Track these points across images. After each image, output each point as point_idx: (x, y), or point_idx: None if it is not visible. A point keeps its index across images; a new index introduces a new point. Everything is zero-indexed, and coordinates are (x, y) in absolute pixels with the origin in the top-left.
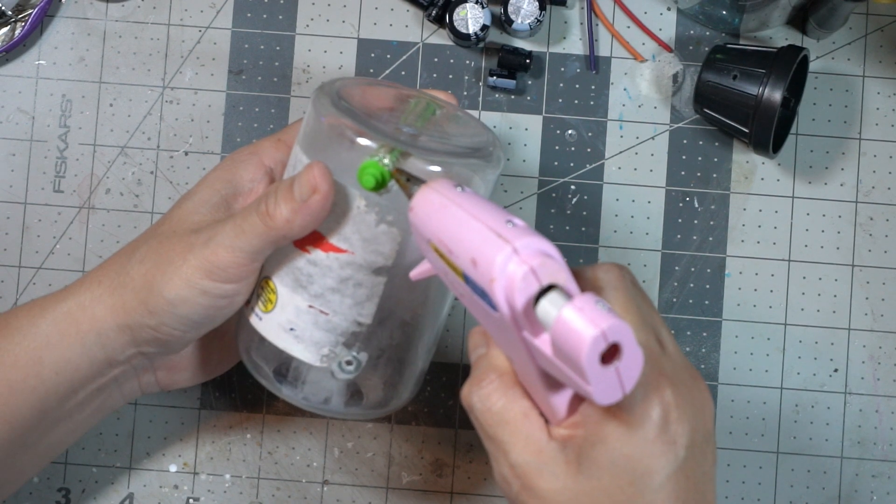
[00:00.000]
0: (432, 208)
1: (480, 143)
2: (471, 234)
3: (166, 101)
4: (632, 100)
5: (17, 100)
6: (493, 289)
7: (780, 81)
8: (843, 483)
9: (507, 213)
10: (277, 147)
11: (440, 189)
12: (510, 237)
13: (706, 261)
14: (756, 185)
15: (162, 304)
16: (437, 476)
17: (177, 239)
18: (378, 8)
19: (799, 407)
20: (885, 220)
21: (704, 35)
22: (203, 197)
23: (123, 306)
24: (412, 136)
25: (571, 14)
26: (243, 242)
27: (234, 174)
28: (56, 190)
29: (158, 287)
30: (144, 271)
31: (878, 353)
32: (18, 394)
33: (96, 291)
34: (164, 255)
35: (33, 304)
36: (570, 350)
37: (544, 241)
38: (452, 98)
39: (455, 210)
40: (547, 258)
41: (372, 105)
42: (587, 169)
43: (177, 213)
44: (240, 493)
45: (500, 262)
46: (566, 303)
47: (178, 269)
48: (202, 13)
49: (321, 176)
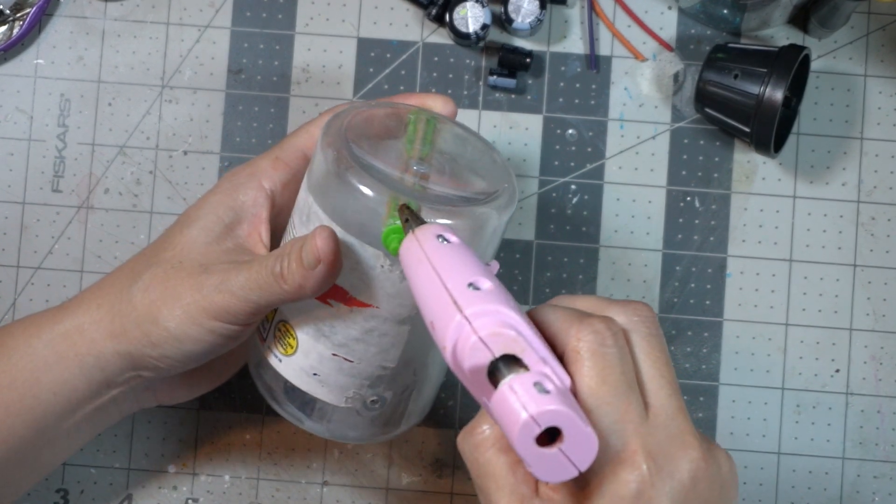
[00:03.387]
0: (411, 260)
1: (495, 179)
2: (432, 296)
3: (165, 100)
4: (632, 99)
5: (15, 99)
6: (445, 355)
7: (782, 81)
8: (844, 484)
9: (478, 272)
10: (275, 167)
11: (421, 239)
12: (465, 304)
13: (707, 261)
14: (757, 185)
15: (166, 338)
16: (436, 477)
17: (185, 274)
18: (378, 7)
19: (800, 407)
20: (886, 220)
21: (705, 34)
22: (206, 224)
23: (125, 334)
24: (424, 176)
25: (572, 13)
26: (256, 296)
27: (235, 199)
28: (55, 190)
29: (164, 321)
30: (149, 302)
31: (879, 354)
32: (15, 414)
33: (95, 315)
34: (171, 288)
35: (28, 322)
36: (506, 430)
37: (505, 308)
38: (450, 103)
39: (425, 267)
40: (503, 327)
41: (378, 135)
42: (588, 168)
43: (179, 239)
44: (239, 493)
45: (451, 330)
46: (504, 381)
47: (185, 307)
48: (201, 12)
49: (325, 246)
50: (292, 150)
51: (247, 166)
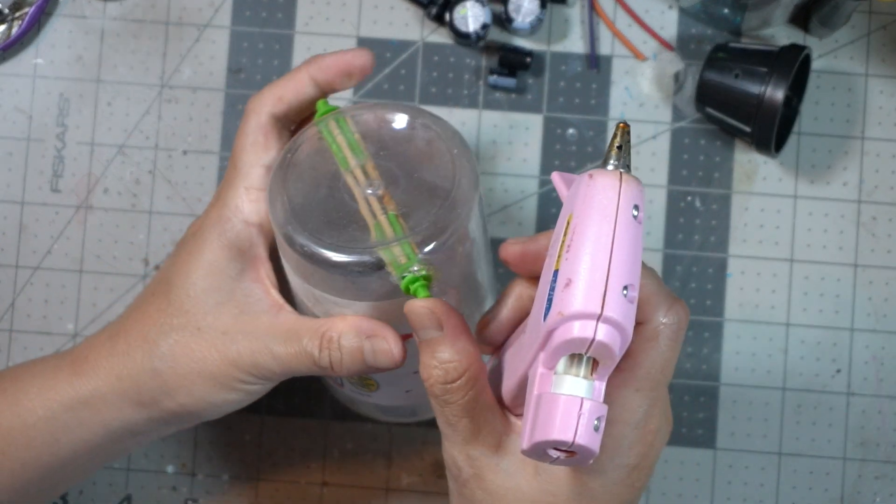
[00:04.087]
0: (596, 205)
1: (442, 152)
2: (588, 262)
3: (165, 100)
4: (633, 99)
5: (14, 99)
6: (553, 318)
7: (783, 80)
8: (845, 485)
9: (636, 275)
10: (250, 198)
11: (623, 198)
12: (609, 305)
13: (708, 261)
14: (758, 185)
15: (203, 406)
16: (436, 477)
17: (208, 344)
18: (378, 6)
19: (801, 408)
20: (887, 220)
21: (706, 34)
22: (213, 282)
23: (156, 404)
24: (385, 199)
25: (572, 12)
26: (291, 372)
27: (231, 247)
28: (53, 189)
29: (199, 393)
30: (179, 377)
31: (881, 354)
32: (32, 470)
33: (117, 385)
34: (200, 361)
35: (42, 381)
36: (534, 419)
37: (630, 325)
38: (363, 54)
39: (606, 232)
40: (615, 343)
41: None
42: (588, 168)
43: (188, 302)
44: (238, 494)
45: (579, 308)
46: (570, 389)
47: (219, 378)
48: (200, 11)
49: (398, 353)
50: (254, 171)
51: (221, 209)
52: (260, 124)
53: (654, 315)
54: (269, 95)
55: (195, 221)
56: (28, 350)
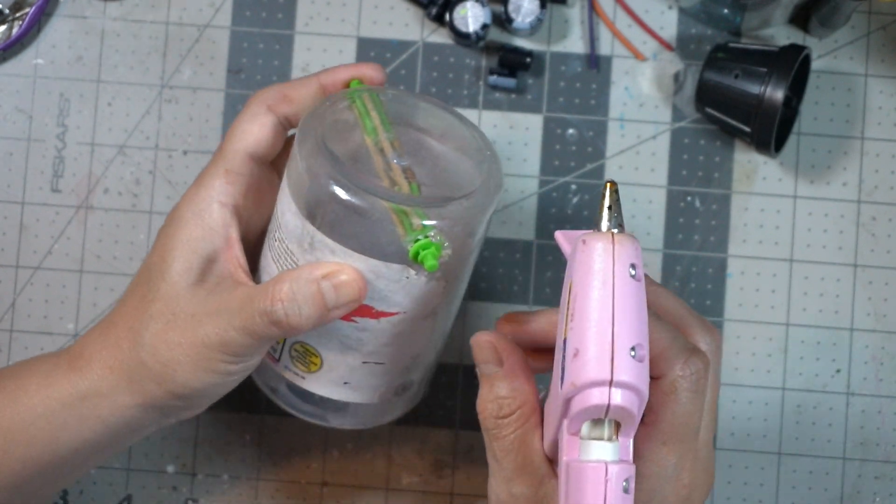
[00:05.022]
0: (593, 271)
1: (469, 142)
2: (592, 329)
3: (165, 100)
4: (633, 99)
5: (14, 99)
6: (567, 388)
7: (782, 80)
8: (845, 484)
9: (643, 332)
10: (229, 180)
11: (617, 260)
12: (619, 369)
13: (707, 261)
14: (758, 185)
15: (189, 391)
16: (437, 477)
17: (181, 330)
18: (378, 6)
19: (801, 408)
20: (887, 220)
21: (706, 34)
22: (185, 265)
23: (148, 393)
24: (409, 173)
25: (572, 13)
26: (257, 341)
27: (204, 228)
28: (54, 189)
29: (182, 379)
30: (161, 364)
31: (880, 354)
32: (32, 468)
33: (110, 379)
34: (176, 347)
35: (40, 377)
36: (568, 487)
37: (644, 385)
38: (380, 70)
39: (605, 296)
40: (632, 405)
41: (343, 134)
42: (588, 168)
43: (163, 287)
44: (239, 494)
45: (591, 376)
46: (595, 455)
47: (197, 363)
48: (201, 12)
49: (362, 287)
50: (238, 157)
51: (198, 189)
52: (256, 114)
53: (671, 369)
54: (275, 91)
55: (176, 204)
56: (28, 350)
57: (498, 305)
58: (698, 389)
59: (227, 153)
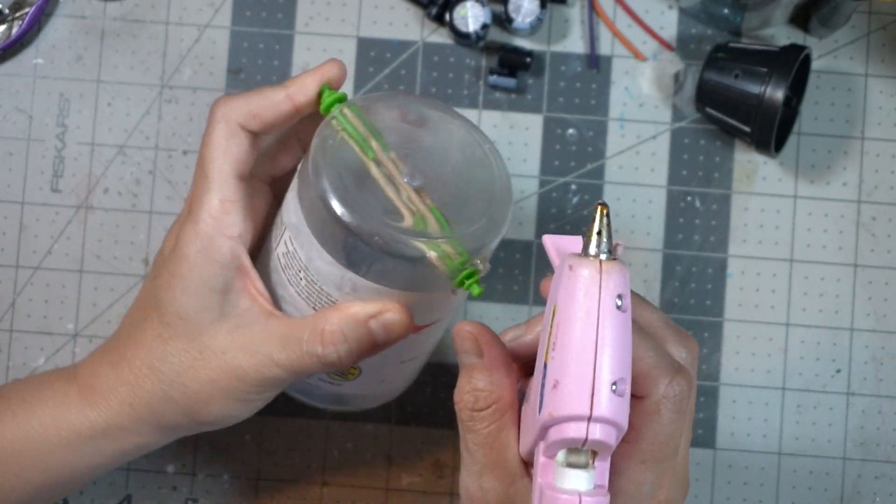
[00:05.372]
0: (578, 301)
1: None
2: (577, 363)
3: (165, 100)
4: (633, 99)
5: (14, 99)
6: (545, 417)
7: (783, 80)
8: (845, 484)
9: (626, 366)
10: (226, 209)
11: (603, 291)
12: (599, 404)
13: (707, 261)
14: (758, 185)
15: (218, 421)
16: (436, 477)
17: (213, 365)
18: (378, 6)
19: (801, 408)
20: (887, 220)
21: (706, 34)
22: (202, 302)
23: (174, 425)
24: (421, 194)
25: (572, 13)
26: (300, 376)
27: (214, 262)
28: (54, 189)
29: (216, 412)
30: (192, 400)
31: (880, 354)
32: (46, 491)
33: (132, 415)
34: (210, 384)
35: (57, 411)
36: None
37: (624, 420)
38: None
39: (589, 328)
40: (610, 439)
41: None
42: (588, 168)
43: (182, 325)
44: (239, 493)
45: (571, 409)
46: (570, 484)
47: (232, 396)
48: (200, 12)
49: (409, 324)
50: (228, 183)
51: (197, 223)
52: (230, 133)
53: (655, 388)
54: (241, 107)
55: (170, 235)
56: (28, 350)
57: (498, 305)
58: (681, 410)
59: (216, 180)
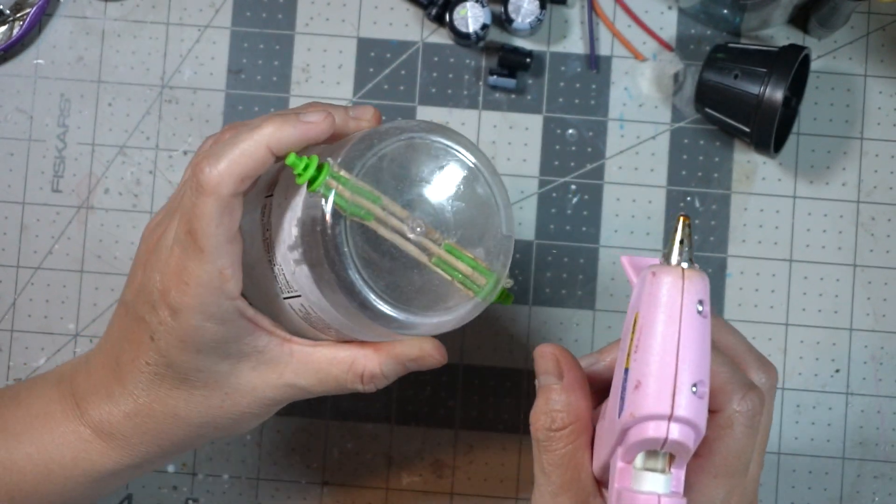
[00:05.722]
0: (660, 305)
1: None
2: (660, 364)
3: (165, 100)
4: (632, 99)
5: (15, 99)
6: (625, 418)
7: (782, 81)
8: (844, 484)
9: (705, 368)
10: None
11: (686, 296)
12: (679, 404)
13: (707, 261)
14: (757, 185)
15: (243, 431)
16: (437, 477)
17: (243, 402)
18: (378, 7)
19: (800, 407)
20: (886, 220)
21: (705, 34)
22: (219, 356)
23: (192, 444)
24: (432, 235)
25: (572, 13)
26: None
27: (224, 325)
28: (54, 189)
29: (244, 430)
30: (222, 430)
31: (879, 354)
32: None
33: (158, 452)
34: (242, 417)
35: (71, 449)
36: None
37: (703, 421)
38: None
39: (671, 331)
40: (690, 441)
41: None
42: (588, 168)
43: (202, 376)
44: (239, 493)
45: (652, 417)
46: (648, 486)
47: (260, 418)
48: (201, 12)
49: (443, 359)
50: (225, 249)
51: (198, 295)
52: (223, 207)
53: (728, 403)
54: (228, 176)
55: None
56: (29, 350)
57: (498, 305)
58: (753, 425)
59: (212, 250)
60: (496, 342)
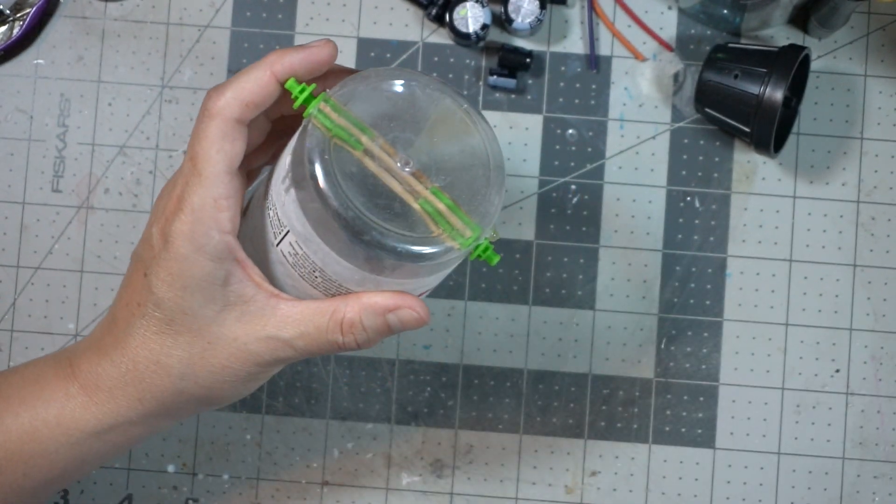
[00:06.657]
0: None
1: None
2: None
3: (165, 100)
4: (632, 99)
5: (15, 99)
6: None
7: (782, 81)
8: (844, 484)
9: None
10: (220, 207)
11: None
12: None
13: (707, 261)
14: (757, 185)
15: (228, 400)
16: (436, 477)
17: (225, 353)
18: (378, 7)
19: (800, 407)
20: (886, 220)
21: (705, 34)
22: (206, 294)
23: (185, 411)
24: (419, 176)
25: (572, 13)
26: (314, 356)
27: (213, 260)
28: (54, 189)
29: (228, 395)
30: (206, 388)
31: (879, 354)
32: (51, 484)
33: (141, 410)
34: (222, 371)
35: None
36: None
37: None
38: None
39: None
40: None
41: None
42: (588, 168)
43: (187, 319)
44: (239, 493)
45: None
46: None
47: (246, 380)
48: (201, 12)
49: (425, 316)
50: (223, 181)
51: (191, 221)
52: (226, 130)
53: None
54: (233, 100)
55: (154, 222)
56: (29, 350)
57: (497, 305)
58: None
59: (210, 178)
60: (496, 342)
